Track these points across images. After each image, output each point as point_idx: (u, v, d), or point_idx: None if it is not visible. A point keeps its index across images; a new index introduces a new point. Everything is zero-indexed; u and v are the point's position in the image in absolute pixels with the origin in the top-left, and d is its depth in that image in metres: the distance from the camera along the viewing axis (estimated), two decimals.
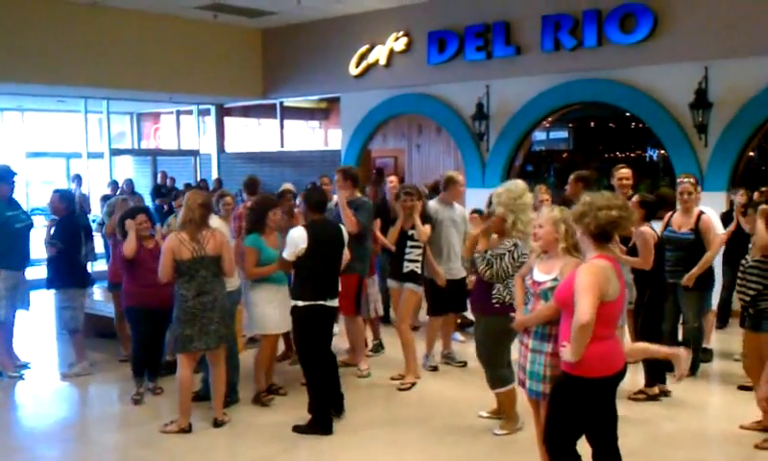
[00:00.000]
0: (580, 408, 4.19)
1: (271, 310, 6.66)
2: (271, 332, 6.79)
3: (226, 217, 7.57)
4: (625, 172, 7.57)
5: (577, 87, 11.48)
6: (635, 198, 6.78)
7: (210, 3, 12.86)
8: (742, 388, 6.77)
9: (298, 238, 6.02)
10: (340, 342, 7.74)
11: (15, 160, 15.95)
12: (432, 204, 7.72)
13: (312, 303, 6.01)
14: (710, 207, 8.02)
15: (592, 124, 19.06)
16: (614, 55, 10.89)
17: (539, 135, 16.42)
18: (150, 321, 6.96)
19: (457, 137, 12.90)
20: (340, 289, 6.36)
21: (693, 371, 7.45)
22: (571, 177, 7.62)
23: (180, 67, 14.08)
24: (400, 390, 7.17)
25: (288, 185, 8.75)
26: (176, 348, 6.28)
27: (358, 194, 7.74)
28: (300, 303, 6.04)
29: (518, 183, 5.86)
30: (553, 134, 19.32)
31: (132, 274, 6.94)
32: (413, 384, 7.25)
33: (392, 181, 9.42)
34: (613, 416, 4.31)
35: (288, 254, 6.07)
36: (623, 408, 6.15)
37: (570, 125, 19.09)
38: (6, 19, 11.72)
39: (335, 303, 6.19)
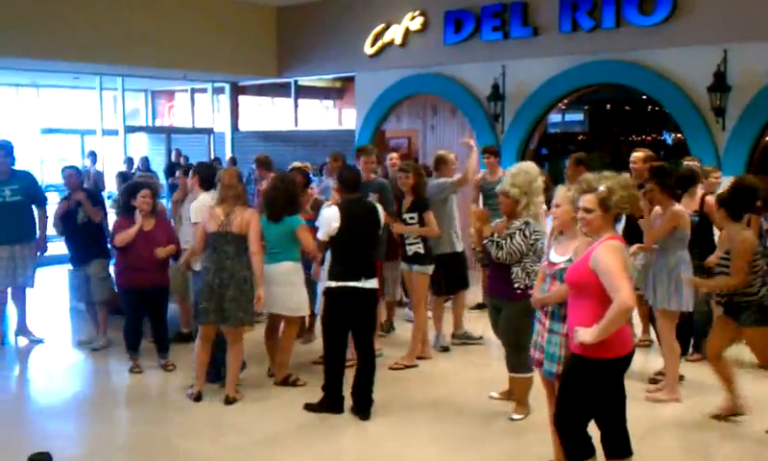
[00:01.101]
0: (592, 390, 4.18)
1: (305, 291, 6.75)
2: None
3: None
4: (635, 155, 7.64)
5: (594, 69, 11.37)
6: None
7: None
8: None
9: (331, 218, 5.98)
10: None
11: (30, 137, 16.04)
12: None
13: (343, 284, 5.94)
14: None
15: (608, 107, 18.92)
16: (633, 37, 10.77)
17: (554, 118, 16.32)
18: (139, 300, 7.10)
19: (472, 118, 12.81)
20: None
21: (705, 354, 7.41)
22: (570, 160, 7.58)
23: (195, 45, 14.03)
24: (392, 368, 7.17)
25: (298, 163, 8.72)
26: (195, 318, 6.49)
27: (373, 176, 7.74)
28: (333, 284, 5.99)
29: (532, 166, 5.85)
30: (569, 117, 19.18)
31: (121, 254, 7.12)
32: (406, 367, 7.24)
33: (392, 157, 9.31)
34: (622, 397, 4.27)
35: (322, 234, 6.04)
36: (636, 391, 6.15)
37: (586, 107, 18.95)
38: None
39: (371, 283, 6.04)
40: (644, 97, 12.85)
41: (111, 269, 7.82)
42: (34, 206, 8.12)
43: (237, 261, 6.21)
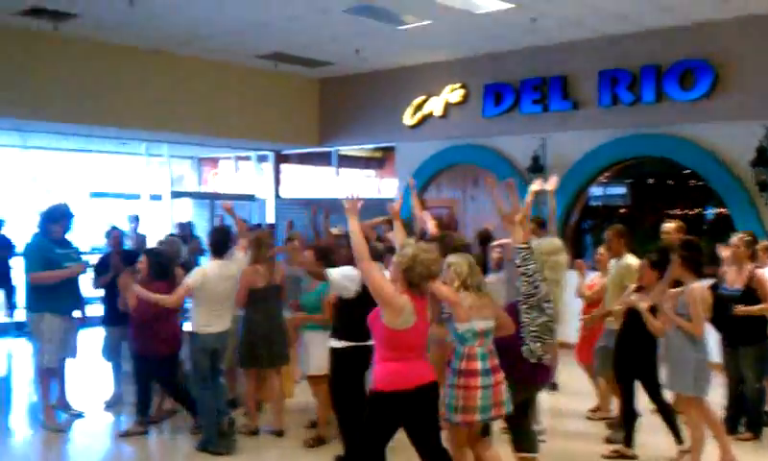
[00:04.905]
0: (378, 418, 4.77)
1: None
2: None
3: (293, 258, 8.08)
4: (666, 226, 7.78)
5: (635, 143, 11.37)
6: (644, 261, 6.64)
7: (271, 52, 13.16)
8: None
9: (354, 278, 6.08)
10: None
11: (79, 200, 16.42)
12: None
13: (354, 343, 6.07)
14: None
15: (650, 180, 18.75)
16: (673, 111, 10.79)
17: (596, 191, 16.24)
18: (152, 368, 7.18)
19: None
20: None
21: (757, 434, 7.19)
22: (611, 231, 7.50)
23: (240, 114, 14.38)
24: None
25: (336, 230, 8.80)
26: (241, 365, 7.37)
27: None
28: (343, 344, 6.08)
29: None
30: (611, 190, 19.03)
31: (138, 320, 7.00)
32: None
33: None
34: (429, 427, 4.79)
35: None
36: None
37: (628, 181, 18.81)
38: (72, 65, 12.15)
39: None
40: (687, 171, 12.78)
41: None
42: None
43: (279, 310, 7.22)
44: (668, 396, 6.68)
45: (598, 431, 7.40)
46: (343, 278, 6.08)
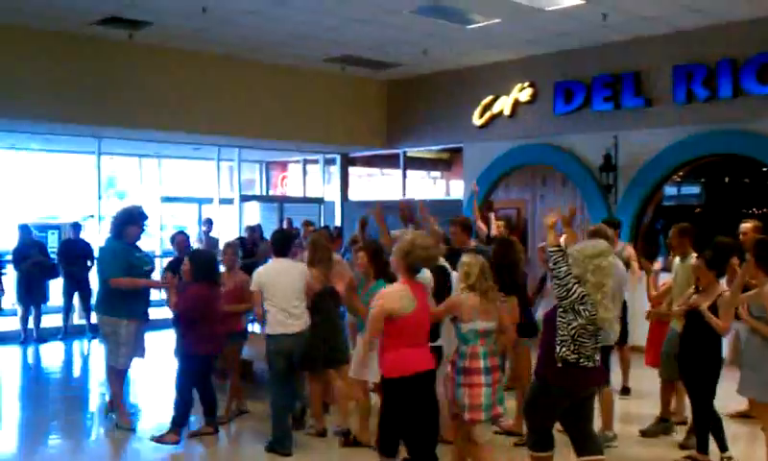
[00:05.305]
0: (390, 403, 5.14)
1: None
2: None
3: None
4: (744, 226, 7.58)
5: (711, 140, 11.01)
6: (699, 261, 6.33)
7: (338, 56, 13.21)
8: None
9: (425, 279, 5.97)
10: None
11: (151, 204, 16.79)
12: None
13: None
14: None
15: (727, 179, 18.18)
16: (751, 106, 10.41)
17: (669, 190, 15.85)
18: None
19: (583, 189, 12.59)
20: None
21: None
22: (674, 230, 7.23)
23: (307, 118, 14.49)
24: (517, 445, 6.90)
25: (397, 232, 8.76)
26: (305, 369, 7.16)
27: (472, 242, 7.72)
28: None
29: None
30: (685, 190, 18.52)
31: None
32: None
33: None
34: (426, 418, 5.12)
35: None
36: None
37: (703, 180, 18.28)
38: (146, 72, 12.44)
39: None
40: (765, 169, 12.35)
41: None
42: None
43: (336, 312, 7.03)
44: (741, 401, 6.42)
45: (671, 436, 7.16)
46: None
